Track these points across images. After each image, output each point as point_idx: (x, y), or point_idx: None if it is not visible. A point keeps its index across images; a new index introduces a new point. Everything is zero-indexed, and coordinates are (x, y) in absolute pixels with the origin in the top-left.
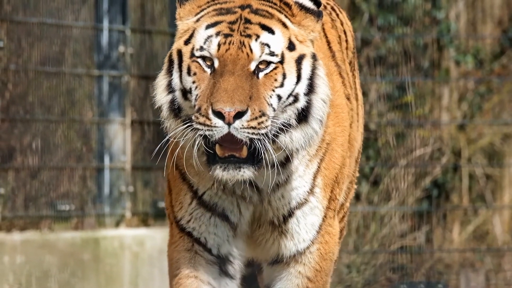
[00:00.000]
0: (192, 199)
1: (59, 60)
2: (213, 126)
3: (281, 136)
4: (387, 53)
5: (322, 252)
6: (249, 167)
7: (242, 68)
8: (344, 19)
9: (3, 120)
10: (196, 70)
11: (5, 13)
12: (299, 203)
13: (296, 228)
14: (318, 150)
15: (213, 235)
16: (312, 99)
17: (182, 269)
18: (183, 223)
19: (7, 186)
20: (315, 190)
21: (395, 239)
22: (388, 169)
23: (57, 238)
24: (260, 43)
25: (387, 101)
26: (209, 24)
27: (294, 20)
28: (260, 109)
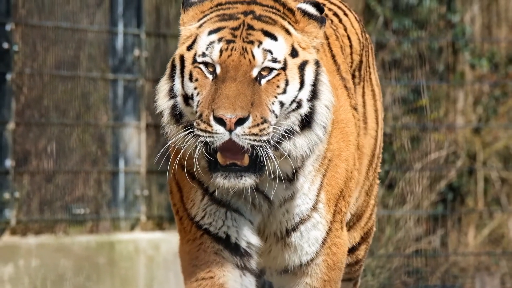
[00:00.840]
0: (203, 196)
1: (74, 64)
2: (214, 132)
3: (284, 143)
4: (402, 56)
5: (329, 263)
6: (251, 175)
7: (244, 74)
8: (349, 21)
9: (18, 124)
10: (198, 76)
11: (20, 17)
12: (302, 219)
13: (299, 241)
14: (321, 166)
15: (233, 228)
16: (315, 105)
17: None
18: (198, 219)
19: (22, 190)
20: (319, 206)
21: (410, 242)
22: (403, 173)
23: (72, 241)
24: (263, 49)
25: (402, 104)
26: (212, 30)
27: (297, 27)
28: (262, 116)
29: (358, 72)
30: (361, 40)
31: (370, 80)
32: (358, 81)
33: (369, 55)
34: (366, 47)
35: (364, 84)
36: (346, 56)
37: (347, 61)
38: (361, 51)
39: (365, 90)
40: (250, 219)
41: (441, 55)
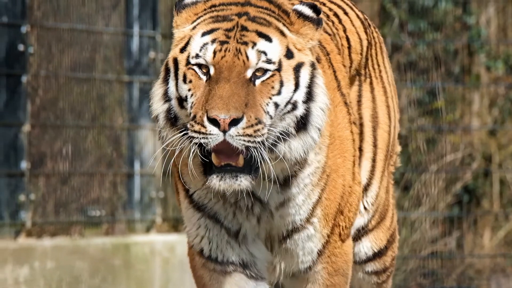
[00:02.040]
0: (185, 198)
1: (89, 66)
2: (208, 133)
3: (279, 145)
4: (418, 58)
5: (329, 270)
6: (246, 176)
7: (238, 75)
8: (349, 21)
9: (33, 126)
10: (192, 78)
11: (35, 19)
12: (295, 227)
13: (294, 249)
14: (320, 180)
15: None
16: (310, 107)
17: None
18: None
19: (38, 192)
20: (313, 220)
21: (426, 244)
22: (418, 175)
23: (87, 243)
24: (257, 50)
25: (418, 106)
26: (205, 31)
27: (292, 28)
28: (256, 117)
29: (364, 69)
30: (363, 39)
31: (380, 78)
32: (364, 78)
33: (378, 53)
34: (373, 45)
35: (372, 80)
36: (344, 58)
37: (346, 63)
38: (363, 50)
39: (374, 85)
40: (228, 226)
41: (457, 57)
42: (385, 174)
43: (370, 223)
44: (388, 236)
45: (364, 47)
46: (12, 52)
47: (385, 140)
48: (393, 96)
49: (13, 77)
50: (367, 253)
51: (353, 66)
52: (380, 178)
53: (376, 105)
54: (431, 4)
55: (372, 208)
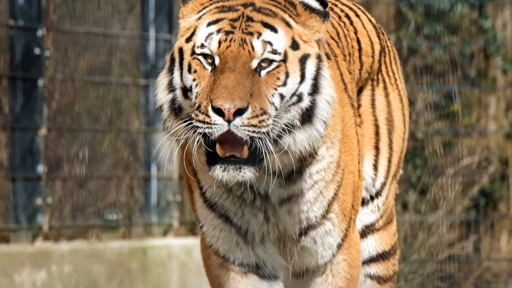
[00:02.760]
0: (200, 197)
1: (105, 69)
2: (213, 123)
3: (284, 137)
4: (434, 62)
5: (349, 262)
6: (250, 167)
7: (243, 65)
8: (360, 23)
9: (50, 130)
10: (196, 68)
11: (51, 22)
12: (311, 225)
13: (313, 246)
14: (335, 175)
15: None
16: (316, 99)
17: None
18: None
19: (55, 196)
20: (330, 215)
21: (443, 248)
22: (435, 178)
23: (104, 247)
24: (262, 41)
25: (434, 110)
26: (211, 21)
27: (299, 20)
28: (261, 107)
29: (376, 74)
30: (374, 42)
31: (396, 86)
32: (376, 83)
33: (392, 63)
34: (387, 53)
35: (386, 85)
36: (354, 60)
37: (356, 66)
38: (375, 54)
39: (389, 91)
40: (238, 224)
41: (473, 61)
42: (394, 181)
43: (378, 222)
44: (393, 243)
45: (376, 51)
46: (28, 55)
47: (399, 146)
48: (407, 108)
49: (29, 80)
50: (370, 252)
51: (364, 68)
52: (390, 182)
53: (392, 110)
54: (447, 7)
55: (382, 208)
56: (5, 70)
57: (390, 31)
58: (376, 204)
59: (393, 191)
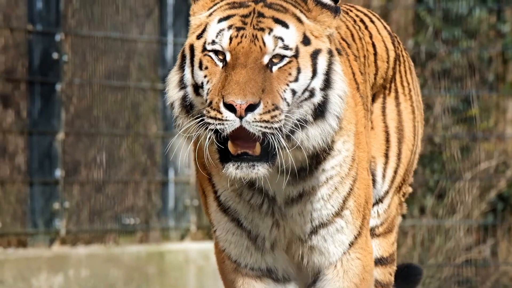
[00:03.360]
0: (214, 200)
1: (123, 74)
2: (224, 119)
3: (297, 132)
4: (452, 66)
5: (363, 263)
6: (263, 164)
7: (255, 61)
8: (375, 28)
9: (68, 134)
10: (208, 64)
11: (69, 27)
12: (323, 223)
13: (323, 244)
14: (351, 170)
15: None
16: (328, 95)
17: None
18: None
19: (72, 200)
20: (345, 213)
21: (460, 252)
22: (453, 183)
23: (122, 251)
24: (274, 36)
25: (452, 114)
26: (222, 17)
27: (310, 15)
28: (273, 103)
29: (389, 83)
30: (389, 49)
31: (410, 97)
32: (388, 92)
33: (407, 73)
34: (401, 62)
35: (398, 95)
36: (370, 64)
37: (371, 70)
38: (390, 60)
39: (401, 101)
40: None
41: (491, 65)
42: (400, 192)
43: (378, 228)
44: (391, 252)
45: (390, 58)
46: (46, 60)
47: (407, 157)
48: (420, 122)
49: (48, 85)
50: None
51: (379, 74)
52: (393, 193)
53: (402, 119)
54: (466, 12)
55: (383, 215)
56: (23, 75)
57: (409, 35)
58: (377, 210)
59: (396, 203)
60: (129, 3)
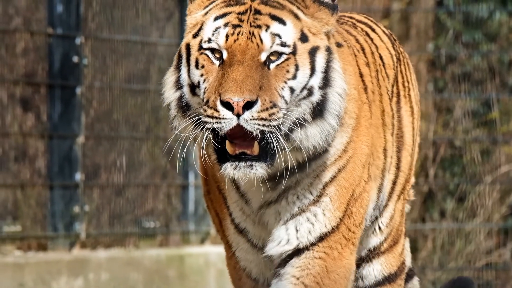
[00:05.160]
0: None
1: (144, 77)
2: (222, 118)
3: (296, 131)
4: (473, 69)
5: (327, 265)
6: (262, 164)
7: (252, 58)
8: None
9: (88, 138)
10: (204, 63)
11: (89, 31)
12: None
13: (295, 226)
14: (338, 160)
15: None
16: (327, 93)
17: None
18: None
19: (92, 204)
20: (323, 199)
21: (481, 255)
22: (473, 186)
23: (142, 255)
24: (271, 33)
25: (473, 117)
26: (218, 15)
27: (307, 12)
28: (271, 100)
29: (392, 87)
30: (393, 54)
31: (409, 97)
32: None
33: (406, 69)
34: (401, 61)
35: (400, 99)
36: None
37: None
38: (395, 65)
39: (402, 105)
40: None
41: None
42: (402, 198)
43: (383, 245)
44: (399, 264)
45: (395, 63)
46: (66, 63)
47: (408, 163)
48: (418, 118)
49: (68, 88)
50: (376, 276)
51: (390, 81)
52: (396, 201)
53: (402, 125)
54: (486, 15)
55: (386, 229)
56: (43, 78)
57: (429, 39)
58: (378, 227)
59: (400, 209)
60: (149, 6)
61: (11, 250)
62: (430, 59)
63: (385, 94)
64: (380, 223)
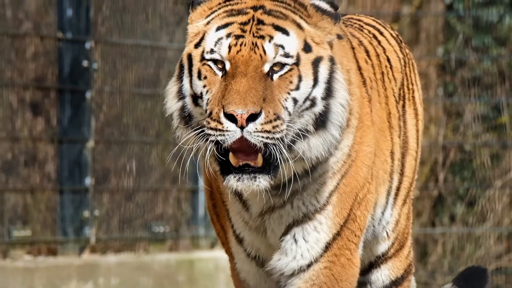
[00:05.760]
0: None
1: (154, 82)
2: (225, 130)
3: (299, 142)
4: (482, 74)
5: (335, 275)
6: (265, 176)
7: (255, 69)
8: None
9: (97, 142)
10: (206, 74)
11: (99, 35)
12: (298, 220)
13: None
14: (343, 166)
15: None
16: (330, 104)
17: None
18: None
19: (102, 208)
20: (327, 208)
21: (491, 260)
22: (483, 190)
23: (152, 260)
24: (274, 44)
25: (482, 122)
26: (220, 25)
27: (310, 21)
28: (274, 112)
29: (398, 90)
30: (400, 57)
31: (413, 99)
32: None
33: (411, 71)
34: (406, 63)
35: (405, 102)
36: (390, 79)
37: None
38: (402, 68)
39: (406, 108)
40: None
41: None
42: (407, 201)
43: (390, 250)
44: (406, 266)
45: (402, 66)
46: (76, 68)
47: (412, 167)
48: (422, 118)
49: (77, 93)
50: (384, 281)
51: (397, 85)
52: (401, 206)
53: (407, 130)
54: (496, 19)
55: (393, 235)
56: (53, 83)
57: (439, 43)
58: (386, 232)
59: (406, 213)
60: (159, 11)
61: (21, 254)
62: (440, 64)
63: (391, 96)
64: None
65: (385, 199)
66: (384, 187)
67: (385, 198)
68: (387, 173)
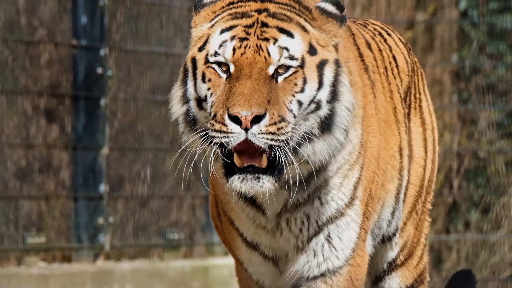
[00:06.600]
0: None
1: (168, 88)
2: (230, 132)
3: (304, 146)
4: (497, 81)
5: (352, 276)
6: (269, 177)
7: (260, 71)
8: (393, 41)
9: (112, 149)
10: (211, 77)
11: (114, 42)
12: (332, 217)
13: (331, 242)
14: (359, 157)
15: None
16: (335, 107)
17: None
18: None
19: (117, 215)
20: (355, 202)
21: (505, 267)
22: (497, 197)
23: (166, 267)
24: (279, 46)
25: (497, 129)
26: (224, 28)
27: (315, 24)
28: (279, 114)
29: (404, 94)
30: (408, 61)
31: (420, 108)
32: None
33: (419, 80)
34: (415, 71)
35: (410, 111)
36: (395, 77)
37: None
38: (409, 73)
39: (411, 117)
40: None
41: None
42: (417, 210)
43: (399, 258)
44: (416, 276)
45: (409, 70)
46: (90, 75)
47: (418, 175)
48: (433, 128)
49: (92, 100)
50: None
51: (403, 86)
52: (408, 214)
53: (411, 138)
54: (510, 26)
55: (399, 242)
56: (67, 90)
57: (453, 50)
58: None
59: (415, 222)
60: (173, 17)
61: (36, 261)
62: (454, 71)
63: (396, 92)
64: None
65: (393, 199)
66: (392, 185)
67: (393, 198)
68: (395, 169)
